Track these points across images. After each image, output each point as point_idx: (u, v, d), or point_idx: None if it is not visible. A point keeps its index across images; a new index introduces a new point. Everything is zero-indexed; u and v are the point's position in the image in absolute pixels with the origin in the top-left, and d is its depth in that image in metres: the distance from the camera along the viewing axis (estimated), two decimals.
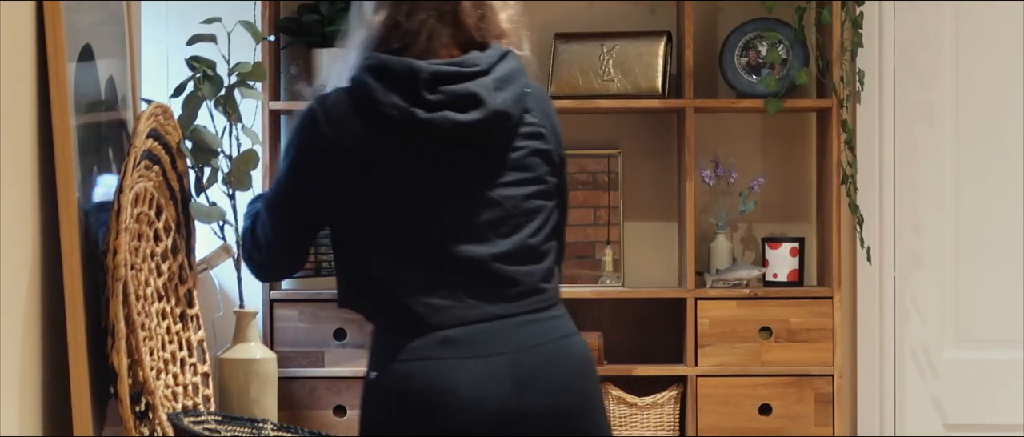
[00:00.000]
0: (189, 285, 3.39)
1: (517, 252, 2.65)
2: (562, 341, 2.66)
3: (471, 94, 2.61)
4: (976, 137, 4.22)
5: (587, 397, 2.67)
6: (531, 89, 2.72)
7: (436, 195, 2.63)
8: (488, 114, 2.61)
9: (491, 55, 2.67)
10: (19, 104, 2.63)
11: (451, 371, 2.58)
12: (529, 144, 2.68)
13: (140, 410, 2.91)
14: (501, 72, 2.66)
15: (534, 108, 2.71)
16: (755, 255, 4.29)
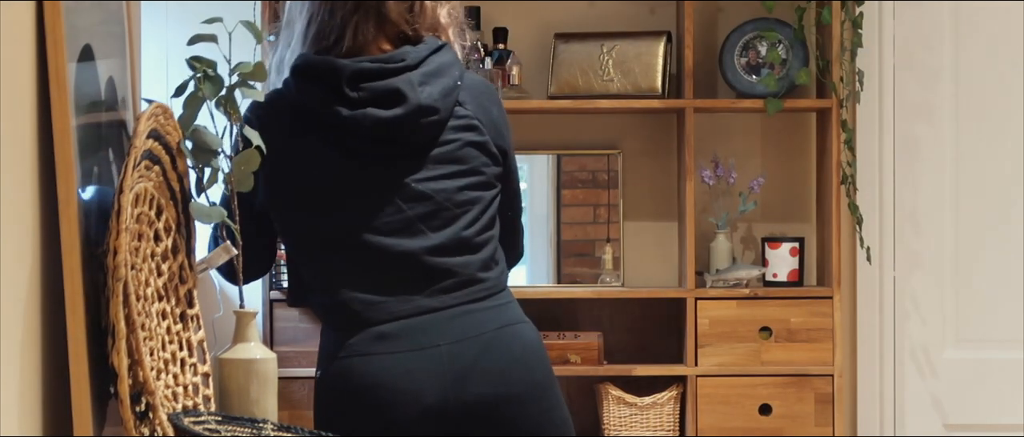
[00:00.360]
0: (189, 285, 3.39)
1: (451, 244, 2.65)
2: (502, 331, 2.65)
3: (394, 90, 2.62)
4: (976, 137, 4.22)
5: (531, 385, 2.65)
6: (465, 82, 2.71)
7: (365, 192, 2.65)
8: (411, 109, 2.62)
9: (421, 49, 2.68)
10: (19, 104, 2.63)
11: (386, 366, 2.61)
12: (462, 136, 2.68)
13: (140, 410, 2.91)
14: (431, 66, 2.67)
15: (467, 100, 2.70)
16: (755, 255, 4.29)
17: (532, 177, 4.28)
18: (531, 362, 2.67)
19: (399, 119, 2.62)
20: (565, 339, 4.08)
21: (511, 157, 2.79)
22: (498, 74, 4.06)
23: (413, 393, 2.60)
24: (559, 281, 4.24)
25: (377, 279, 2.65)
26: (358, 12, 2.69)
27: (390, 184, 2.66)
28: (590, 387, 4.19)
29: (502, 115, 2.77)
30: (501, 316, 2.67)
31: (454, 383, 2.60)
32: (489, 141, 2.71)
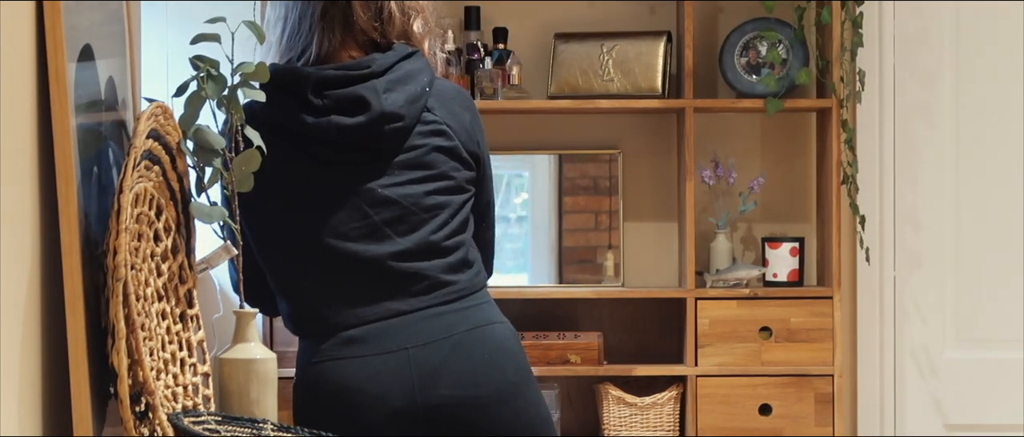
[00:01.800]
0: (189, 285, 3.39)
1: (418, 249, 2.66)
2: (472, 332, 2.65)
3: (358, 97, 2.64)
4: (976, 137, 4.22)
5: (502, 386, 2.65)
6: (435, 88, 2.72)
7: (331, 198, 2.67)
8: (375, 116, 2.63)
9: (389, 56, 2.69)
10: (19, 104, 2.63)
11: (355, 369, 2.63)
12: (429, 141, 2.69)
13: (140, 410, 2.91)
14: (397, 73, 2.67)
15: (437, 106, 2.71)
16: (755, 255, 4.29)
17: (533, 177, 4.28)
18: (502, 362, 2.67)
19: (363, 126, 2.63)
20: (565, 339, 4.08)
21: (485, 163, 2.80)
22: (498, 74, 4.06)
23: (380, 397, 2.61)
24: (560, 281, 4.24)
25: (345, 284, 2.67)
26: (325, 20, 2.71)
27: (356, 190, 2.67)
28: (590, 387, 4.19)
29: (475, 120, 2.78)
30: (472, 317, 2.68)
31: (422, 386, 2.61)
32: (459, 146, 2.72)
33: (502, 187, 4.28)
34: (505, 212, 4.26)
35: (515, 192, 4.30)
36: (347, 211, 2.67)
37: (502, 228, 4.26)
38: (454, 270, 2.69)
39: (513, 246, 4.28)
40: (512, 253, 4.27)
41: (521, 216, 4.28)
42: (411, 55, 2.72)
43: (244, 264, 2.81)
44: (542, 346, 4.05)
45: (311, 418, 2.75)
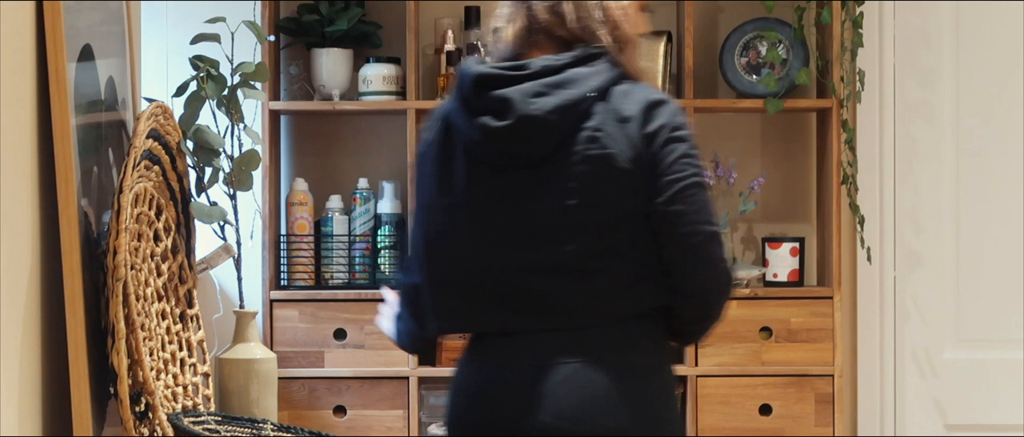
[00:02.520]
0: (189, 285, 3.39)
1: (554, 266, 2.51)
2: (589, 365, 2.49)
3: (504, 99, 2.51)
4: (976, 137, 4.22)
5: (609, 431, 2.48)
6: (611, 93, 2.52)
7: (478, 202, 2.56)
8: (516, 120, 2.50)
9: (564, 57, 2.55)
10: (19, 104, 2.63)
11: (481, 382, 2.55)
12: (580, 151, 2.50)
13: (140, 410, 2.91)
14: (561, 76, 2.53)
15: (600, 113, 2.51)
16: (755, 255, 4.29)
17: None
18: (614, 405, 2.48)
19: (506, 130, 2.50)
20: None
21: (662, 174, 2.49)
22: None
23: (492, 413, 2.53)
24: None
25: (481, 293, 2.55)
26: (514, 19, 2.62)
27: (501, 197, 2.54)
28: None
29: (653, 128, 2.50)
30: (595, 348, 2.50)
31: (529, 409, 2.50)
32: (615, 156, 2.49)
33: None
34: None
35: None
36: (489, 216, 2.55)
37: None
38: (586, 294, 2.51)
39: None
40: None
41: None
42: (590, 59, 2.55)
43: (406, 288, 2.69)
44: None
45: (447, 420, 2.64)
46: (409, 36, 4.02)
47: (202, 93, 3.63)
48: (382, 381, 4.00)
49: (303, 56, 4.16)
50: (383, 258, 4.08)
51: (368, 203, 4.09)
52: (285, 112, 4.15)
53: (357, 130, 4.24)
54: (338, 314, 3.99)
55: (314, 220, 4.10)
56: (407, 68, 4.04)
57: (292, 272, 4.07)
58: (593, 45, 2.56)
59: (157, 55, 4.06)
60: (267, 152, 3.99)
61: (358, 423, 3.99)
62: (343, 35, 4.05)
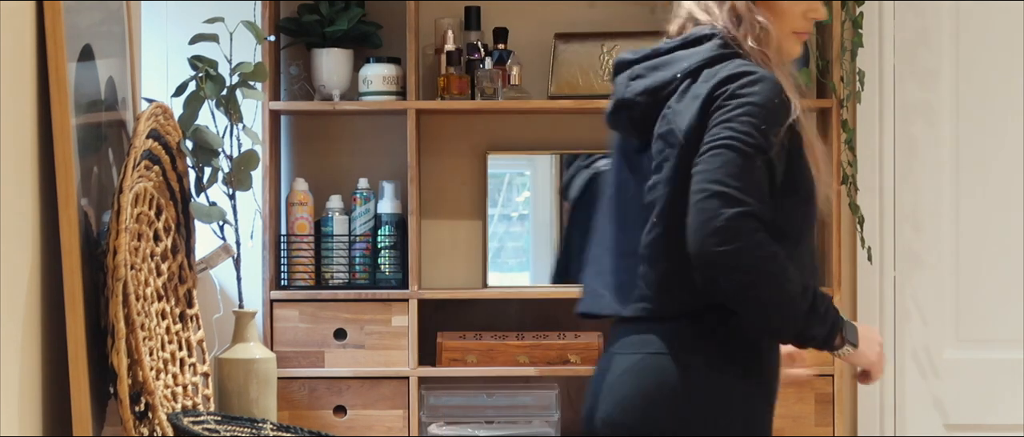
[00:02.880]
0: (189, 285, 3.40)
1: (635, 249, 2.50)
2: (644, 359, 2.49)
3: (615, 84, 2.61)
4: (976, 137, 4.22)
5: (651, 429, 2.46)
6: (702, 75, 2.48)
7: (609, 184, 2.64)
8: (615, 103, 2.58)
9: (675, 40, 2.59)
10: (19, 104, 2.63)
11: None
12: (657, 130, 2.49)
13: (140, 410, 2.91)
14: (661, 59, 2.56)
15: (683, 93, 2.48)
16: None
17: (534, 177, 4.28)
18: (657, 404, 2.46)
19: (610, 113, 2.59)
20: (565, 339, 4.08)
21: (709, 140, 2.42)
22: (498, 74, 4.06)
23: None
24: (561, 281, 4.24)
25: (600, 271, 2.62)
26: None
27: (614, 179, 2.62)
28: None
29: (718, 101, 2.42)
30: (649, 343, 2.49)
31: (593, 403, 2.54)
32: (674, 132, 2.45)
33: (503, 186, 4.28)
34: (506, 211, 4.26)
35: (516, 191, 4.30)
36: (608, 199, 2.63)
37: (503, 227, 4.26)
38: (649, 282, 2.48)
39: (514, 245, 4.28)
40: (513, 252, 4.28)
41: (523, 214, 4.28)
42: (699, 41, 2.54)
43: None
44: (542, 346, 4.06)
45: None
46: (409, 36, 4.02)
47: (201, 93, 3.63)
48: (382, 381, 4.00)
49: (303, 56, 4.16)
50: (383, 258, 4.08)
51: (368, 203, 4.09)
52: (285, 112, 4.15)
53: (357, 130, 4.24)
54: (338, 314, 4.00)
55: (314, 220, 4.10)
56: (407, 68, 4.04)
57: (292, 272, 4.07)
58: (707, 27, 2.56)
59: (157, 55, 4.06)
60: (267, 152, 3.99)
61: (358, 423, 3.99)
62: (343, 35, 4.05)
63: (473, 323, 4.14)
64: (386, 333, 4.00)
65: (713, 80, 2.45)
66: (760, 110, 2.39)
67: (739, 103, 2.40)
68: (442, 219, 4.25)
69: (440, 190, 4.23)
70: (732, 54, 2.50)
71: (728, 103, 2.41)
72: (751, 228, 2.33)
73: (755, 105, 2.40)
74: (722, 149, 2.37)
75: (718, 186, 2.34)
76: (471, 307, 4.18)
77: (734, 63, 2.47)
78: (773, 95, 2.42)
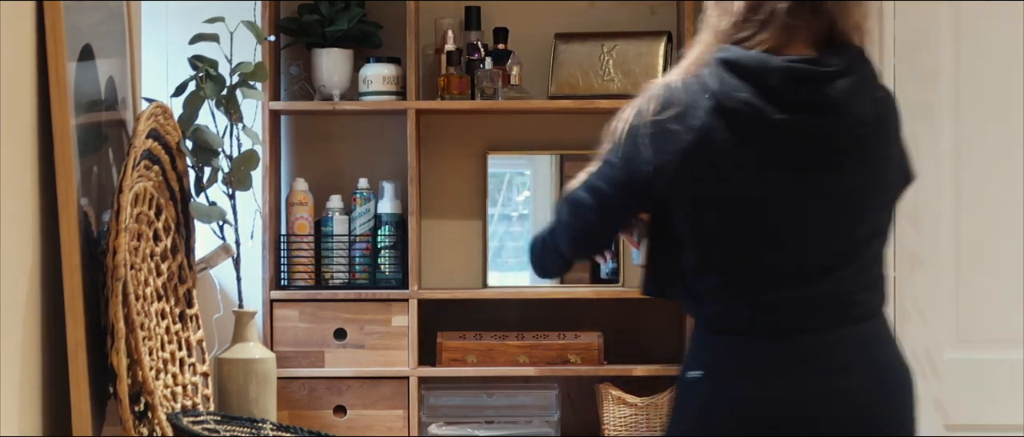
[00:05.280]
0: (188, 285, 3.40)
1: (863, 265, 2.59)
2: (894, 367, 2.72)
3: (826, 96, 2.49)
4: (976, 137, 4.22)
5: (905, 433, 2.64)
6: (882, 93, 2.61)
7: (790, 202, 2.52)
8: (847, 120, 2.51)
9: (849, 57, 2.54)
10: (19, 104, 2.63)
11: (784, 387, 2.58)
12: (887, 152, 2.60)
13: (139, 410, 2.91)
14: (859, 75, 2.55)
15: (887, 113, 2.61)
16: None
17: (534, 177, 4.28)
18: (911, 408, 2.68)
19: (834, 128, 2.50)
20: (565, 339, 4.08)
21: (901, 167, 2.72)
22: (498, 74, 4.06)
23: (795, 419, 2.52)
24: (561, 281, 4.24)
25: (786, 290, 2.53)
26: (789, 8, 2.51)
27: (818, 195, 2.53)
28: (590, 387, 4.20)
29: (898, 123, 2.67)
30: (894, 350, 2.65)
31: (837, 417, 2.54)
32: (901, 155, 2.68)
33: (503, 186, 4.28)
34: (506, 211, 4.27)
35: (516, 191, 4.30)
36: (794, 217, 2.52)
37: (503, 227, 4.26)
38: (878, 287, 2.60)
39: (514, 244, 4.29)
40: (513, 252, 4.28)
41: (523, 214, 4.28)
42: (863, 57, 2.58)
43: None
44: (542, 346, 4.06)
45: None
46: (409, 36, 4.02)
47: (201, 93, 3.63)
48: (382, 381, 4.00)
49: (303, 56, 4.16)
50: (383, 258, 4.08)
51: (368, 203, 4.09)
52: (285, 112, 4.15)
53: (357, 130, 4.24)
54: (338, 314, 4.00)
55: (314, 220, 4.10)
56: (407, 68, 4.04)
57: (292, 272, 4.07)
58: (851, 42, 2.57)
59: (157, 55, 4.06)
60: (267, 152, 3.99)
61: (358, 423, 3.99)
62: (343, 35, 4.05)
63: (473, 323, 4.14)
64: (386, 333, 4.00)
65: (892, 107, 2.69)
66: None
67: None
68: (442, 219, 4.25)
69: (440, 190, 4.23)
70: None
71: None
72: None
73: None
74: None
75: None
76: (471, 307, 4.18)
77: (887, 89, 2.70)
78: None
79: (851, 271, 2.53)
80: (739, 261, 2.52)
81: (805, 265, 2.51)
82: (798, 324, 2.51)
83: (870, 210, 2.58)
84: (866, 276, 2.57)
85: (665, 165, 2.52)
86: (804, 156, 2.50)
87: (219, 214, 3.66)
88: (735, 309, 2.52)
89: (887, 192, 2.63)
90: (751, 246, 2.51)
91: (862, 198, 2.55)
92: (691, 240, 2.55)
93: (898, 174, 2.67)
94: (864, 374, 2.56)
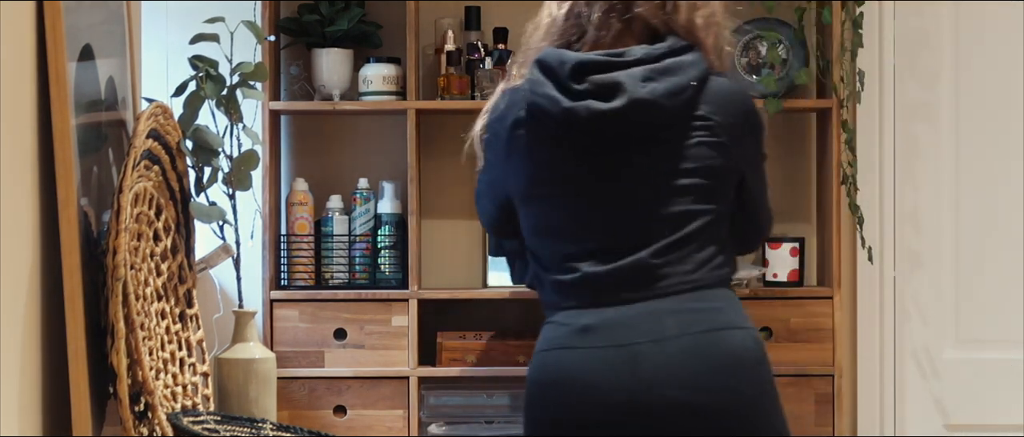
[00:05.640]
0: (188, 285, 3.40)
1: (667, 244, 2.65)
2: (709, 335, 2.62)
3: (614, 83, 2.63)
4: (976, 137, 4.22)
5: (736, 396, 2.62)
6: (711, 85, 2.70)
7: (582, 185, 2.67)
8: (628, 103, 2.61)
9: (659, 47, 2.68)
10: (19, 104, 2.63)
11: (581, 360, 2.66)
12: (694, 137, 2.67)
13: (139, 410, 2.91)
14: (664, 64, 2.66)
15: (708, 102, 2.68)
16: (755, 255, 4.29)
17: None
18: (738, 372, 2.63)
19: (616, 112, 2.62)
20: None
21: (755, 166, 2.77)
22: (498, 74, 4.06)
23: (602, 390, 2.59)
24: None
25: (586, 273, 2.65)
26: (607, 8, 2.71)
27: (607, 179, 2.66)
28: None
29: (750, 123, 2.75)
30: (710, 318, 2.64)
31: (647, 385, 2.58)
32: (726, 144, 2.70)
33: None
34: None
35: None
36: (595, 200, 2.66)
37: None
38: (694, 262, 2.66)
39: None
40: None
41: None
42: (685, 49, 2.70)
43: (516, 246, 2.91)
44: None
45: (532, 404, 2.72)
46: (409, 36, 4.02)
47: (201, 93, 3.63)
48: (382, 381, 4.00)
49: (303, 56, 4.16)
50: (383, 258, 4.08)
51: (368, 203, 4.09)
52: (285, 112, 4.15)
53: (357, 130, 4.24)
54: (338, 314, 4.00)
55: (314, 220, 4.10)
56: (407, 68, 4.04)
57: (292, 272, 4.07)
58: (684, 36, 2.71)
59: (157, 55, 4.06)
60: (267, 152, 3.99)
61: (358, 423, 3.99)
62: (343, 35, 4.05)
63: (473, 323, 4.14)
64: (386, 333, 4.00)
65: (743, 102, 2.81)
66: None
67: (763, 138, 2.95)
68: (442, 219, 4.25)
69: (440, 190, 4.23)
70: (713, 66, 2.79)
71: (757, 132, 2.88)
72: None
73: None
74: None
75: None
76: (471, 307, 4.18)
77: (736, 84, 2.87)
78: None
79: (660, 248, 2.63)
80: (551, 245, 2.70)
81: (607, 243, 2.65)
82: (604, 299, 2.64)
83: (677, 191, 2.65)
84: (678, 252, 2.64)
85: (497, 163, 2.76)
86: (595, 141, 2.65)
87: (219, 214, 3.66)
88: (551, 290, 2.71)
89: (702, 176, 2.67)
90: (558, 229, 2.68)
91: (662, 178, 2.65)
92: (523, 229, 2.77)
93: (725, 161, 2.70)
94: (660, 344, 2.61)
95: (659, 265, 2.62)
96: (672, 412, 2.57)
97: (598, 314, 2.63)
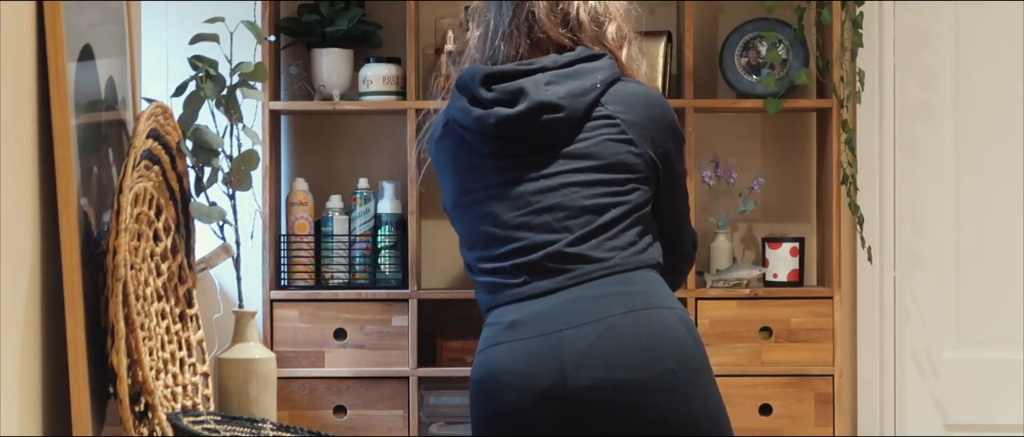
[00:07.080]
0: (188, 285, 3.39)
1: (580, 236, 2.71)
2: (629, 315, 2.65)
3: (518, 89, 2.71)
4: (976, 137, 4.23)
5: (659, 372, 2.63)
6: (615, 87, 2.77)
7: (498, 189, 2.75)
8: (531, 105, 2.69)
9: (566, 56, 2.78)
10: (19, 104, 2.63)
11: (509, 353, 2.69)
12: (599, 134, 2.74)
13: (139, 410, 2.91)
14: (571, 70, 2.75)
15: (614, 102, 2.75)
16: (755, 255, 4.29)
17: None
18: (658, 348, 2.64)
19: (520, 115, 2.70)
20: None
21: (672, 167, 2.81)
22: None
23: (529, 377, 2.64)
24: None
25: (510, 272, 2.73)
26: (513, 27, 2.82)
27: (520, 180, 2.74)
28: None
29: (662, 123, 2.80)
30: (630, 300, 2.67)
31: (572, 368, 2.62)
32: (633, 140, 2.75)
33: None
34: None
35: None
36: (512, 201, 2.74)
37: None
38: (612, 249, 2.71)
39: None
40: None
41: None
42: (594, 57, 2.79)
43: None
44: None
45: (474, 400, 2.78)
46: (409, 36, 4.02)
47: (201, 93, 3.63)
48: (382, 381, 4.00)
49: (303, 56, 4.16)
50: (383, 258, 4.08)
51: (368, 203, 4.09)
52: (285, 112, 4.15)
53: (357, 130, 4.24)
54: (338, 314, 4.00)
55: (314, 220, 4.10)
56: (407, 68, 4.04)
57: (292, 272, 4.07)
58: (593, 46, 2.81)
59: (157, 55, 4.06)
60: (267, 152, 4.00)
61: (358, 423, 3.99)
62: (343, 35, 4.05)
63: (473, 323, 4.14)
64: (386, 333, 4.00)
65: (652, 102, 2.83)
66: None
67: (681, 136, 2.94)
68: (442, 219, 4.24)
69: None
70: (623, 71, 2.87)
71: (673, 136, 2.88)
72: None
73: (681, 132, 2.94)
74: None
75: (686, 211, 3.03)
76: (471, 307, 4.17)
77: (644, 86, 2.88)
78: None
79: (575, 238, 2.70)
80: (480, 251, 2.78)
81: (527, 242, 2.71)
82: (528, 294, 2.70)
83: (589, 184, 2.72)
84: (594, 240, 2.71)
85: (440, 181, 2.87)
86: (506, 145, 2.74)
87: (219, 214, 3.66)
88: (482, 293, 2.80)
89: (614, 171, 2.74)
90: (482, 235, 2.77)
91: (573, 175, 2.73)
92: (459, 240, 2.87)
93: (637, 159, 2.75)
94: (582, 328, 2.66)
95: (575, 255, 2.69)
96: (597, 391, 2.62)
97: (523, 308, 2.70)
